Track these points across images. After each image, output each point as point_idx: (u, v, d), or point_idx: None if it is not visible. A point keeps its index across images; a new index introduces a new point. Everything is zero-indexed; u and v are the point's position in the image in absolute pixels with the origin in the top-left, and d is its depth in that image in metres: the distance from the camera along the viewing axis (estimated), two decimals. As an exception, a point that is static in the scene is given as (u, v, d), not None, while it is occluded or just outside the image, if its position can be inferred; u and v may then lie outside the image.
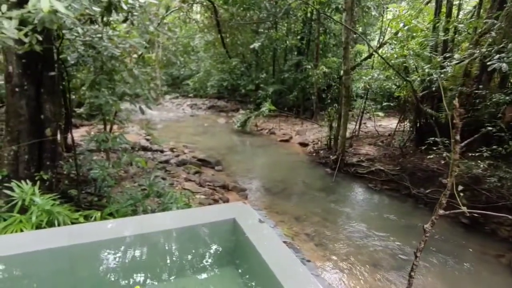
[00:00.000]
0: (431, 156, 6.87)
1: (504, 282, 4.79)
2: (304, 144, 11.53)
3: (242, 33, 16.50)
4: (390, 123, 12.46)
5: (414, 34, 8.41)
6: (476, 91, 6.51)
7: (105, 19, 3.74)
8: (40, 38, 2.63)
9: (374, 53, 10.49)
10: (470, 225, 6.18)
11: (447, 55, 7.04)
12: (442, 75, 6.90)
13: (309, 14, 15.40)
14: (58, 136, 4.29)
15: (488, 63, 5.16)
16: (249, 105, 16.80)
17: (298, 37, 16.60)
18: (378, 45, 9.56)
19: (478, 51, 5.68)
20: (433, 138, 6.68)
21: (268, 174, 9.16)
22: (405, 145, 8.59)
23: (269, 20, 14.09)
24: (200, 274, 2.75)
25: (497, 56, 5.26)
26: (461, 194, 6.96)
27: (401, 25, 8.90)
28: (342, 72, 8.97)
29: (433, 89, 7.53)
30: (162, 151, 9.51)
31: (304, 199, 7.52)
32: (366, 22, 14.70)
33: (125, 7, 3.53)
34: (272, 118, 15.37)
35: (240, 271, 2.75)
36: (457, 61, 6.05)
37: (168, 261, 2.76)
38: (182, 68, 23.95)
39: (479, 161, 5.87)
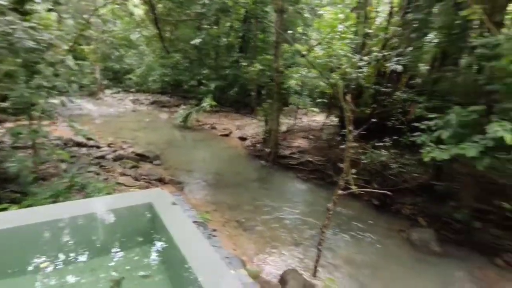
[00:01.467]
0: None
1: (403, 252, 5.66)
2: (243, 138, 11.98)
3: (182, 29, 16.38)
4: (324, 118, 13.50)
5: (338, 36, 9.27)
6: (384, 89, 7.50)
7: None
8: None
9: (308, 52, 11.28)
10: (380, 206, 7.13)
11: (363, 57, 7.97)
12: (360, 75, 7.79)
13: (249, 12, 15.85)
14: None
15: (387, 65, 6.03)
16: (191, 101, 16.76)
17: (240, 34, 17.00)
18: (308, 47, 10.32)
19: (381, 54, 6.57)
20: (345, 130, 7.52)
21: (206, 167, 9.41)
22: (332, 138, 9.48)
23: (204, 17, 14.23)
24: (116, 253, 2.94)
25: (396, 58, 6.18)
26: (375, 179, 7.86)
27: (328, 30, 9.74)
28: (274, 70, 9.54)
29: (353, 87, 8.44)
30: (98, 147, 9.23)
31: (238, 189, 7.92)
32: (305, 23, 15.63)
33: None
34: (214, 113, 15.58)
35: (153, 249, 3.01)
36: (366, 62, 6.91)
37: (85, 243, 2.90)
38: (121, 62, 22.88)
39: (382, 150, 6.81)
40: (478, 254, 5.49)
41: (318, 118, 13.60)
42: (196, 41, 12.34)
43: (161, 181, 7.42)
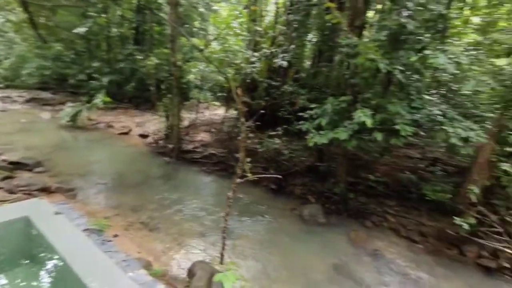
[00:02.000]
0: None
1: (296, 227, 6.42)
2: (144, 136, 11.44)
3: (64, 15, 14.39)
4: (224, 111, 13.89)
5: (232, 33, 9.65)
6: (274, 83, 8.22)
7: None
8: None
9: (206, 47, 11.38)
10: (277, 190, 7.88)
11: (254, 53, 8.53)
12: (253, 69, 8.32)
13: (142, 2, 14.97)
14: None
15: (275, 61, 6.64)
16: (82, 97, 14.99)
17: (134, 25, 15.92)
18: (206, 42, 10.46)
19: (270, 51, 7.19)
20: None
21: (104, 169, 8.70)
22: (231, 130, 9.91)
23: (89, 3, 12.86)
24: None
25: (281, 55, 6.86)
26: (271, 165, 8.47)
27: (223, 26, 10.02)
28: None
29: (248, 81, 8.97)
30: (-48, 159, 7.50)
31: (141, 189, 7.62)
32: (202, 18, 15.59)
33: None
34: (110, 110, 14.34)
35: (36, 267, 2.75)
36: (257, 58, 7.46)
37: None
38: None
39: (276, 139, 7.52)
40: (353, 219, 6.67)
41: (219, 112, 13.92)
42: (80, 29, 11.04)
43: (45, 190, 6.56)
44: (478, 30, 7.49)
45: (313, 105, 6.33)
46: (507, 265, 5.01)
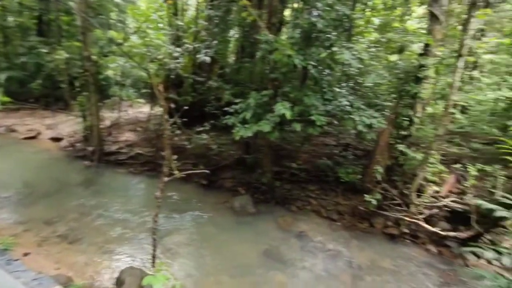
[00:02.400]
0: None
1: (227, 219, 6.54)
2: (57, 139, 10.30)
3: None
4: (150, 109, 13.27)
5: (153, 26, 9.22)
6: (200, 79, 8.17)
7: None
8: None
9: (125, 41, 10.64)
10: (208, 185, 7.92)
11: (177, 48, 8.31)
12: (178, 65, 8.11)
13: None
14: None
15: (198, 56, 6.60)
16: (-28, 98, 12.74)
17: (36, 14, 14.02)
18: (124, 35, 9.78)
19: (192, 46, 7.11)
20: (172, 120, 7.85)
21: (8, 181, 7.59)
22: (158, 128, 9.56)
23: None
24: None
25: (204, 50, 6.84)
26: (201, 161, 8.42)
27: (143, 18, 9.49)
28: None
29: (172, 77, 8.71)
30: None
31: (57, 198, 6.91)
32: (119, 9, 14.43)
33: None
34: (13, 112, 12.52)
35: None
36: (180, 53, 7.31)
37: None
38: None
39: (204, 134, 7.54)
40: (280, 206, 7.11)
41: (145, 109, 13.26)
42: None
43: None
44: (378, 30, 8.54)
45: (237, 100, 6.50)
46: (407, 231, 5.93)
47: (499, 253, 3.08)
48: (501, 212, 3.41)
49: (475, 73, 7.10)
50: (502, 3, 7.72)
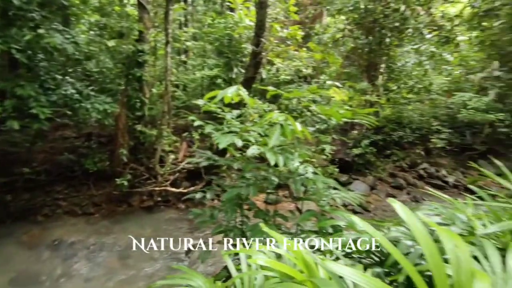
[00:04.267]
0: None
1: None
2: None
3: None
4: None
5: None
6: None
7: None
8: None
9: None
10: None
11: None
12: None
13: None
14: None
15: None
16: None
17: None
18: None
19: None
20: None
21: None
22: None
23: None
24: None
25: None
26: None
27: None
28: None
29: None
30: None
31: None
32: None
33: None
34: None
35: None
36: None
37: None
38: None
39: None
40: (21, 222, 5.90)
41: None
42: None
43: None
44: (97, 12, 8.26)
45: None
46: (160, 199, 6.70)
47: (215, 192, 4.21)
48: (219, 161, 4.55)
49: (184, 57, 8.64)
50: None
